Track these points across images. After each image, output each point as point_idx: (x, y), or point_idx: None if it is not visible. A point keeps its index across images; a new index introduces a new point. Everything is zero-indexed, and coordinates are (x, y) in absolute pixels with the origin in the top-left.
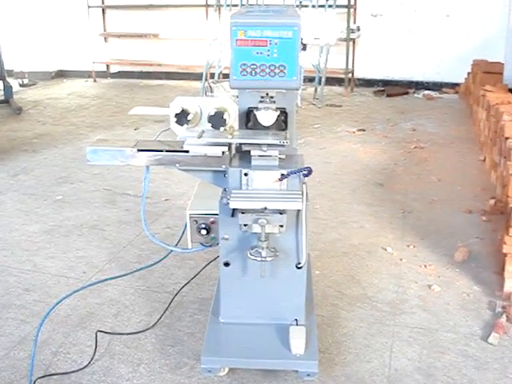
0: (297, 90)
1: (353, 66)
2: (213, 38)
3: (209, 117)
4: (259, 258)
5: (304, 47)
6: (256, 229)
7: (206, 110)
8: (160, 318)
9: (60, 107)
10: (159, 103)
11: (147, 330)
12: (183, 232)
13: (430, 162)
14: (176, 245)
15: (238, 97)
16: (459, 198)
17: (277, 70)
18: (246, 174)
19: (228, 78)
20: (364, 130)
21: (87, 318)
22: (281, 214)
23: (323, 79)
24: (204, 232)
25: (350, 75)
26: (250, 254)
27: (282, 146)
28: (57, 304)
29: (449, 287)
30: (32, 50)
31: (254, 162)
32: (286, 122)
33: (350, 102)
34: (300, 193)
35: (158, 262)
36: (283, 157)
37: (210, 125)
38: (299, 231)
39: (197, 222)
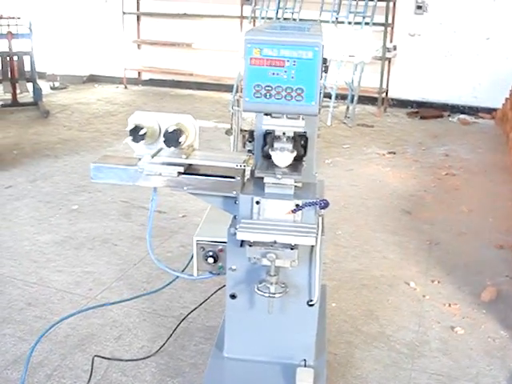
0: (315, 116)
1: (387, 86)
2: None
3: (163, 135)
4: (267, 294)
5: (326, 69)
6: (265, 262)
7: (164, 127)
8: (163, 345)
9: (88, 112)
10: (187, 113)
11: (148, 357)
12: (191, 258)
13: (462, 191)
14: (183, 271)
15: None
16: (490, 232)
17: (294, 94)
18: (257, 203)
19: None
20: (394, 153)
21: (87, 340)
22: (292, 249)
23: (356, 98)
24: (211, 260)
25: (383, 95)
26: (258, 288)
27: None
28: (54, 325)
29: (473, 330)
30: (66, 54)
31: (267, 190)
32: (305, 146)
33: (382, 122)
34: (314, 227)
35: (162, 287)
36: (300, 185)
37: (164, 143)
38: (312, 265)
39: (204, 249)
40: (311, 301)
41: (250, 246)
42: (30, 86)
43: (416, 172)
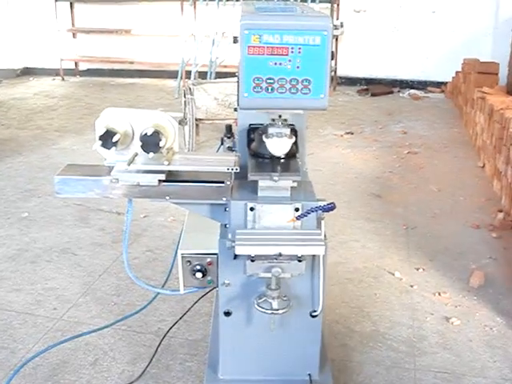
0: (324, 110)
1: (335, 64)
2: (188, 34)
3: (140, 138)
4: (270, 311)
5: (332, 56)
6: (264, 274)
7: (138, 128)
8: (146, 368)
9: (26, 108)
10: (132, 103)
11: (131, 383)
12: (170, 269)
13: (427, 169)
14: (163, 286)
15: (237, 108)
16: (463, 211)
17: (300, 86)
18: (252, 209)
19: (206, 78)
20: (352, 133)
21: (60, 369)
22: (300, 261)
23: None
24: (199, 275)
25: (332, 73)
26: (258, 305)
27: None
28: (28, 361)
29: (469, 319)
30: None
31: (261, 193)
32: (296, 142)
33: (334, 101)
34: (320, 233)
35: (143, 307)
36: (295, 185)
37: (142, 148)
38: (315, 273)
39: (190, 263)
40: (315, 311)
41: (252, 260)
42: None
43: (377, 152)
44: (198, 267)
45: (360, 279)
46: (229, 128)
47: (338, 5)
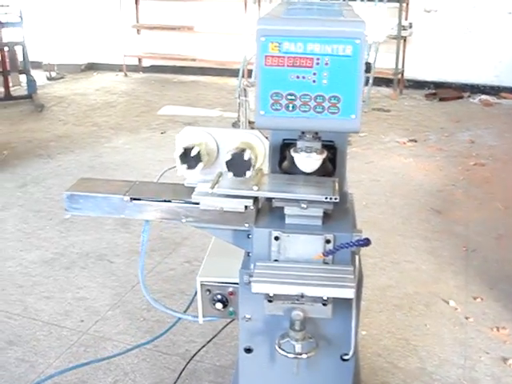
0: (356, 133)
1: (403, 66)
2: (251, 32)
3: (227, 160)
4: (292, 355)
5: (368, 68)
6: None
7: (224, 146)
8: None
9: (85, 104)
10: (191, 102)
11: None
12: (194, 296)
13: (494, 184)
14: (185, 311)
15: None
16: None
17: (326, 104)
18: (276, 238)
19: None
20: (416, 141)
21: None
22: (325, 304)
23: (371, 80)
24: (220, 306)
25: (399, 76)
26: (280, 347)
27: (329, 202)
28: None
29: None
30: (62, 42)
31: (288, 221)
32: (334, 160)
33: (399, 105)
34: (351, 271)
35: (164, 332)
36: (329, 210)
37: (228, 171)
38: (346, 313)
39: (210, 291)
40: (346, 355)
41: (270, 301)
42: (23, 77)
43: (441, 162)
44: (219, 297)
45: (410, 306)
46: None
47: (407, 4)
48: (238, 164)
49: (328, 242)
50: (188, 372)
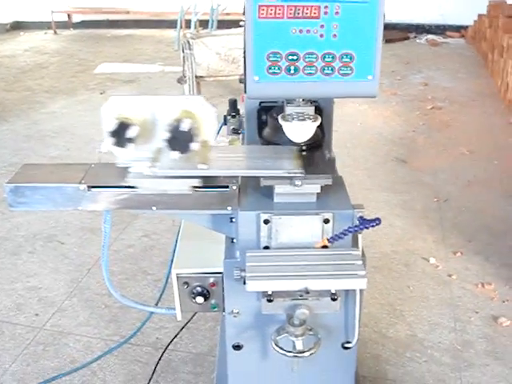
0: (374, 97)
1: None
2: None
3: (165, 134)
4: (291, 354)
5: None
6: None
7: (161, 117)
8: None
9: (14, 67)
10: (129, 57)
11: None
12: (163, 290)
13: (454, 128)
14: (157, 303)
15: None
16: (500, 177)
17: (337, 64)
18: (266, 222)
19: (208, 28)
20: None
21: None
22: (334, 299)
23: None
24: (201, 300)
25: None
26: (276, 344)
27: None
28: None
29: None
30: None
31: (277, 199)
32: (321, 125)
33: None
34: (359, 256)
35: (136, 331)
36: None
37: (168, 148)
38: (349, 299)
39: (189, 284)
40: (348, 342)
41: (269, 300)
42: None
43: (398, 107)
44: (199, 290)
45: (389, 267)
46: (233, 103)
47: None
48: (179, 138)
49: (326, 221)
50: (162, 364)
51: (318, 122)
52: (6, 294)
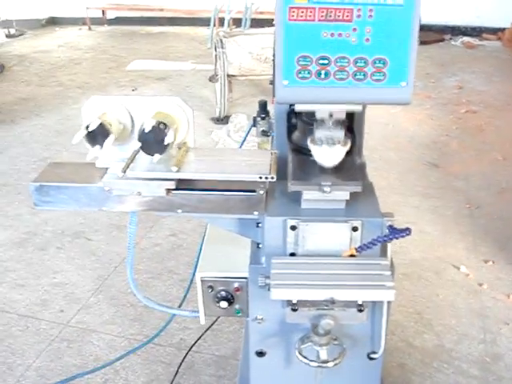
0: (407, 104)
1: None
2: None
3: (139, 135)
4: (315, 364)
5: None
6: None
7: (139, 118)
8: None
9: (48, 62)
10: (162, 55)
11: None
12: (188, 288)
13: (489, 133)
14: (180, 305)
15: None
16: None
17: (370, 69)
18: (293, 228)
19: (241, 26)
20: None
21: None
22: (360, 310)
23: None
24: (225, 304)
25: None
26: (300, 353)
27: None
28: None
29: None
30: None
31: (304, 205)
32: (351, 128)
33: None
34: (388, 265)
35: (159, 332)
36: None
37: (142, 150)
38: (376, 310)
39: (213, 288)
40: (374, 353)
41: (294, 310)
42: None
43: (431, 111)
44: (223, 294)
45: (419, 275)
46: (263, 105)
47: None
48: (152, 140)
49: (355, 229)
50: (185, 365)
51: (347, 147)
52: (33, 289)
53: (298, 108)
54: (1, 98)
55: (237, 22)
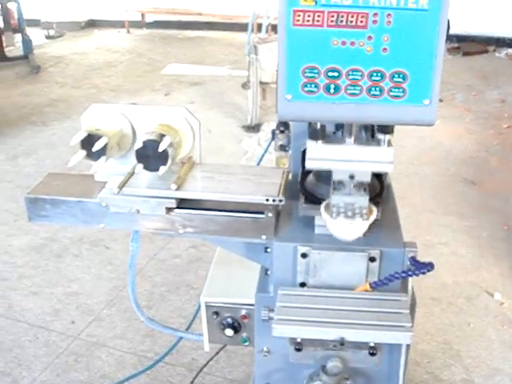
0: (430, 125)
1: None
2: None
3: (137, 150)
4: None
5: (448, 27)
6: None
7: (141, 129)
8: None
9: (85, 64)
10: (198, 59)
11: None
12: (193, 317)
13: None
14: (187, 329)
15: None
16: None
17: (387, 84)
18: (304, 256)
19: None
20: (441, 100)
21: None
22: (373, 354)
23: None
24: (230, 332)
25: None
26: None
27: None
28: None
29: None
30: None
31: (318, 231)
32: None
33: None
34: (407, 304)
35: (168, 352)
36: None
37: (140, 164)
38: (394, 349)
39: (219, 314)
40: None
41: (298, 349)
42: (18, 37)
43: (471, 125)
44: (229, 321)
45: (449, 301)
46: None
47: None
48: (151, 155)
49: (373, 260)
50: None
51: (372, 219)
52: (46, 298)
53: (310, 166)
54: (34, 100)
55: (275, 28)
